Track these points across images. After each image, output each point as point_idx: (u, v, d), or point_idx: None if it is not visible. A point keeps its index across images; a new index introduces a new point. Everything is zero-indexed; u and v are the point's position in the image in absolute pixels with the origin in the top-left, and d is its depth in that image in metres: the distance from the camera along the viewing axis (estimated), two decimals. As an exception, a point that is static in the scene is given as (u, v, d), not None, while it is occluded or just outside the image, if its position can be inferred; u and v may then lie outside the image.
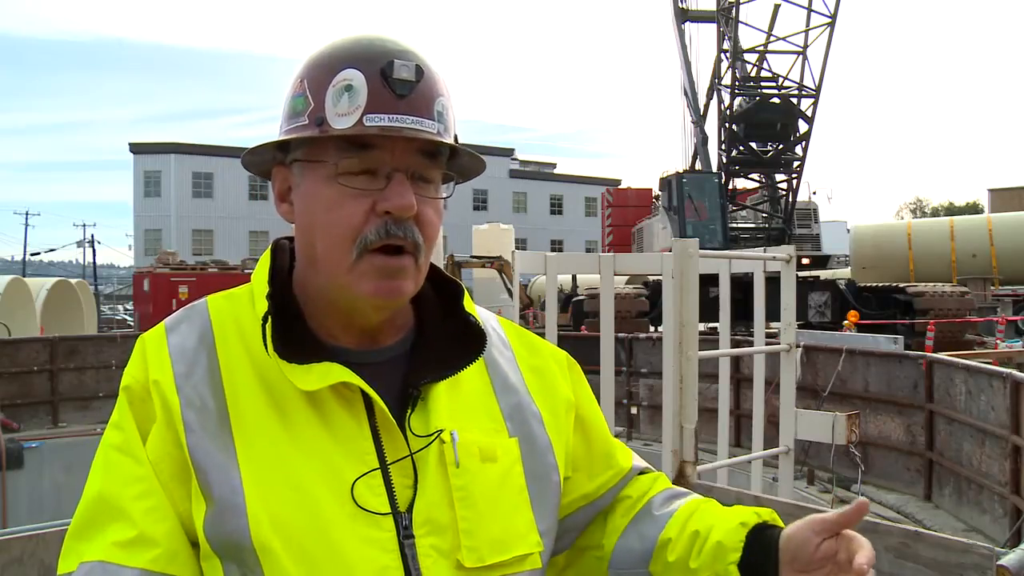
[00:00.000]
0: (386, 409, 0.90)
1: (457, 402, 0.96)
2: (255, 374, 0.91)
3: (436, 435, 0.92)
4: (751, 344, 4.96)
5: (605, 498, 1.10)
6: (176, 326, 0.95)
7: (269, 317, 0.90)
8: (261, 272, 0.97)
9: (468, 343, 0.99)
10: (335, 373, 0.89)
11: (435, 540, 0.88)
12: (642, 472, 1.14)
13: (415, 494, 0.89)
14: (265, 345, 0.89)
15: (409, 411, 0.93)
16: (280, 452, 0.87)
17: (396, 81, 0.88)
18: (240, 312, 0.96)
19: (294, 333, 0.92)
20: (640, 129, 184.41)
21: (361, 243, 0.89)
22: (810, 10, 15.38)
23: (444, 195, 0.96)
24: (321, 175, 0.90)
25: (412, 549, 0.87)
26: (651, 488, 1.12)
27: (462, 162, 0.98)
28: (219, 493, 0.85)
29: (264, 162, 0.99)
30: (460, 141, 0.95)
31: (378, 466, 0.89)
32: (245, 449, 0.87)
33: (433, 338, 1.00)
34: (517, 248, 20.90)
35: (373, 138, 0.88)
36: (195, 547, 0.88)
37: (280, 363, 0.88)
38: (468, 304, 1.03)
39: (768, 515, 0.97)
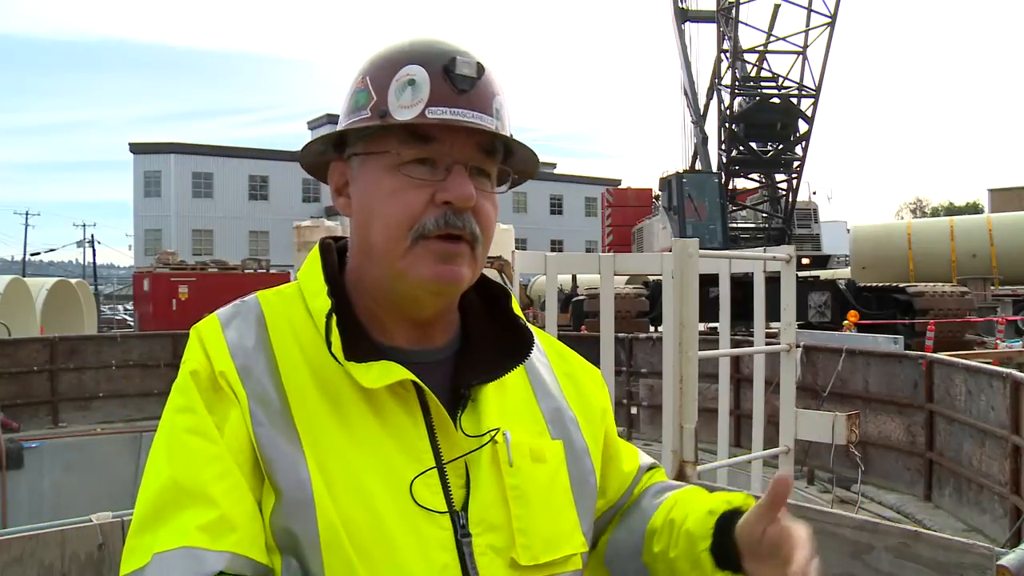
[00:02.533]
0: (442, 408, 0.90)
1: (504, 404, 0.98)
2: (309, 372, 0.90)
3: (492, 434, 0.92)
4: (751, 344, 4.95)
5: (622, 499, 1.13)
6: (230, 321, 0.94)
7: (333, 314, 0.90)
8: (313, 270, 0.97)
9: (512, 346, 1.00)
10: (395, 372, 0.89)
11: (491, 538, 0.89)
12: (649, 468, 1.17)
13: (468, 493, 0.90)
14: (328, 342, 0.89)
15: (460, 411, 0.93)
16: (340, 449, 0.87)
17: (458, 77, 0.90)
18: (292, 310, 0.96)
19: (348, 332, 0.92)
20: (640, 129, 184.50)
21: (419, 230, 0.90)
22: (810, 10, 15.35)
23: (500, 190, 0.97)
24: (382, 165, 0.92)
25: (469, 547, 0.87)
26: (646, 484, 1.15)
27: (517, 161, 0.99)
28: (287, 487, 0.84)
29: (318, 160, 1.01)
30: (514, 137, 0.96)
31: (435, 465, 0.89)
32: (310, 444, 0.86)
33: (479, 341, 1.01)
34: (517, 248, 20.89)
35: (434, 130, 0.90)
36: None
37: (343, 362, 0.88)
38: (516, 307, 1.04)
39: (741, 500, 0.97)
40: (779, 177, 16.76)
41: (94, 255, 47.37)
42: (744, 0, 15.72)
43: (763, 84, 16.34)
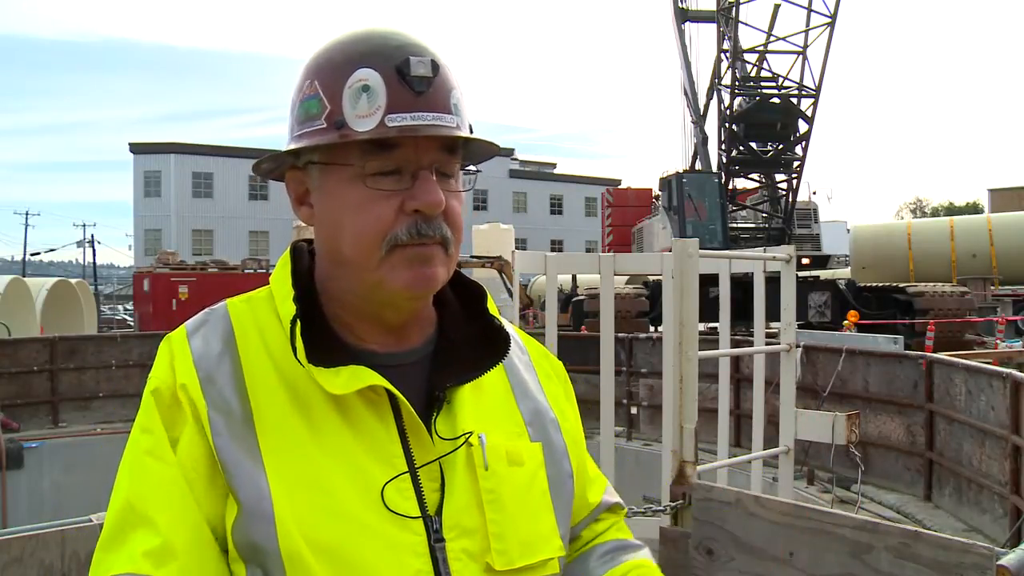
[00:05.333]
0: (414, 412, 0.89)
1: (481, 405, 0.96)
2: (278, 378, 0.89)
3: (466, 438, 0.91)
4: (751, 344, 4.95)
5: (574, 530, 1.09)
6: (197, 330, 0.94)
7: (298, 320, 0.89)
8: (282, 275, 0.96)
9: (490, 346, 0.98)
10: (364, 376, 0.88)
11: (465, 543, 0.88)
12: (609, 508, 1.13)
13: (443, 497, 0.89)
14: (294, 348, 0.88)
15: (435, 414, 0.92)
16: (307, 456, 0.86)
17: (414, 79, 0.87)
18: (261, 316, 0.95)
19: (319, 336, 0.90)
20: (640, 129, 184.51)
21: (391, 241, 0.88)
22: (810, 10, 15.35)
23: (465, 188, 0.95)
24: (345, 177, 0.89)
25: (443, 553, 0.86)
26: (602, 534, 1.11)
27: (475, 148, 0.97)
28: (246, 498, 0.83)
29: (275, 167, 0.98)
30: (473, 129, 0.95)
31: (407, 469, 0.88)
32: (271, 454, 0.85)
33: (456, 341, 0.99)
34: (517, 248, 20.88)
35: (396, 137, 0.87)
36: (225, 552, 0.87)
37: (309, 367, 0.87)
38: (492, 307, 1.02)
39: None
40: (779, 177, 16.77)
41: (94, 255, 47.46)
42: (744, 0, 15.72)
43: (763, 84, 16.34)
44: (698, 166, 18.14)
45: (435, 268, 0.91)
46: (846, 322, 12.59)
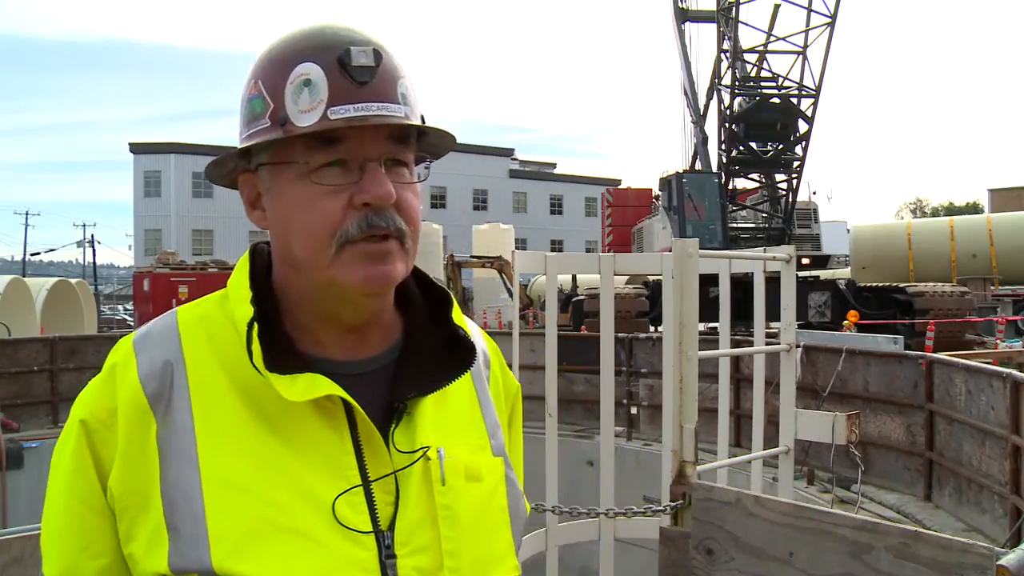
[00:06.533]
0: (370, 423, 0.86)
1: (444, 416, 0.94)
2: (229, 387, 0.86)
3: (422, 452, 0.88)
4: (751, 344, 4.95)
5: None
6: (143, 342, 0.90)
7: (255, 324, 0.85)
8: (240, 277, 0.92)
9: (457, 354, 0.95)
10: (320, 385, 0.85)
11: (417, 560, 0.85)
12: None
13: (396, 511, 0.86)
14: (249, 353, 0.84)
15: (393, 426, 0.89)
16: (255, 469, 0.83)
17: (355, 68, 0.84)
18: (212, 322, 0.91)
19: (274, 342, 0.87)
20: (640, 129, 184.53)
21: (341, 238, 0.85)
22: (810, 10, 15.36)
23: (419, 179, 0.92)
24: (291, 175, 0.87)
25: (393, 569, 0.84)
26: None
27: (431, 141, 0.95)
28: (182, 524, 0.81)
29: (228, 172, 0.95)
30: (427, 121, 0.92)
31: (360, 483, 0.85)
32: (213, 470, 0.82)
33: (421, 348, 0.96)
34: (517, 248, 20.91)
35: (341, 130, 0.85)
36: None
37: (265, 373, 0.84)
38: (457, 315, 0.99)
39: None
40: (779, 177, 16.78)
41: (94, 255, 47.52)
42: (744, 0, 15.73)
43: (763, 84, 16.35)
44: (698, 166, 18.15)
45: (391, 264, 0.88)
46: (846, 322, 12.60)
